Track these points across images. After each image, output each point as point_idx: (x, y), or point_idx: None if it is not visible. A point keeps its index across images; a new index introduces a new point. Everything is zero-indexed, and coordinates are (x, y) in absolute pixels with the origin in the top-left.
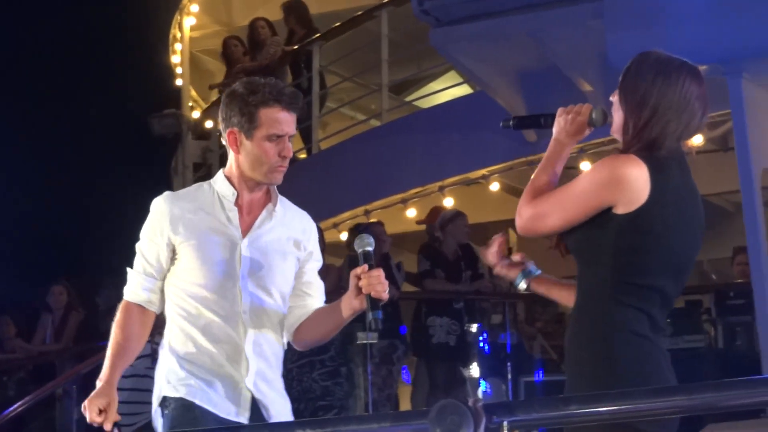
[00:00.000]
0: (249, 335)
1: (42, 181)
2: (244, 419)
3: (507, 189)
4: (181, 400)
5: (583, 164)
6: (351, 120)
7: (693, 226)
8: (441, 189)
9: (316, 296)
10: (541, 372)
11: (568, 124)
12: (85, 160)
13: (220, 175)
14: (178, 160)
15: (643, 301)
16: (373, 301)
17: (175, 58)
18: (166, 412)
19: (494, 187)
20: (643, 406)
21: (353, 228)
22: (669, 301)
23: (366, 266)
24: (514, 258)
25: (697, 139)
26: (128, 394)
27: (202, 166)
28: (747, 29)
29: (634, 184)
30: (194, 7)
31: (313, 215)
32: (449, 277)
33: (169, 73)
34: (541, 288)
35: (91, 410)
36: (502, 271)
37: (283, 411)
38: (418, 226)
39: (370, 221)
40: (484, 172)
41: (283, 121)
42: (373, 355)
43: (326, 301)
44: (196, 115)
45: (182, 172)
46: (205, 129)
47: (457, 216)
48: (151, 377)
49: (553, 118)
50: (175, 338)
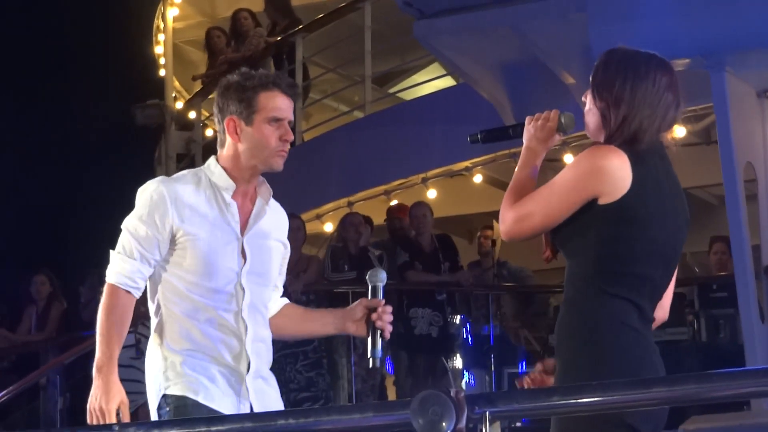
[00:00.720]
0: (249, 332)
1: (24, 171)
2: None
3: (490, 181)
4: (184, 398)
5: (567, 156)
6: (334, 111)
7: (676, 216)
8: (424, 181)
9: (281, 289)
10: (524, 363)
11: (538, 131)
12: (68, 150)
13: (215, 164)
14: (161, 151)
15: (631, 292)
16: (375, 337)
17: (159, 49)
18: (167, 410)
19: (477, 179)
20: (625, 398)
21: (343, 218)
22: (658, 292)
23: (382, 301)
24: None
25: (680, 132)
26: None
27: (186, 157)
28: (730, 22)
29: (616, 173)
30: None
31: (297, 206)
32: (427, 269)
33: (153, 63)
34: None
35: (111, 414)
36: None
37: (279, 407)
38: None
39: (352, 212)
40: (467, 164)
41: (283, 104)
42: (357, 346)
43: (304, 293)
44: (179, 105)
45: (165, 162)
46: (188, 120)
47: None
48: (136, 367)
49: (521, 127)
50: (174, 333)
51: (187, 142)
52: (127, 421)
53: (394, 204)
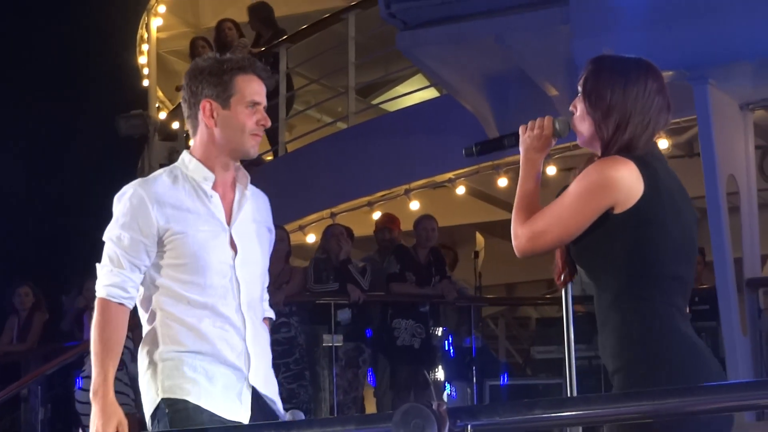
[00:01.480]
0: (248, 327)
1: (7, 182)
2: (245, 419)
3: (473, 193)
4: (184, 402)
5: (549, 168)
6: (318, 122)
7: (688, 213)
8: (407, 192)
9: (267, 294)
10: (506, 376)
11: (534, 140)
12: (51, 160)
13: (189, 158)
14: (144, 161)
15: (665, 293)
16: None
17: (142, 59)
18: (167, 412)
19: (460, 190)
20: (606, 411)
21: (325, 230)
22: (688, 289)
23: None
24: None
25: (663, 144)
26: None
27: None
28: (713, 35)
29: (626, 180)
30: (161, 8)
31: (279, 217)
32: (419, 282)
33: (136, 73)
34: None
35: None
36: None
37: (279, 407)
38: None
39: (334, 223)
40: (450, 175)
41: (259, 89)
42: (339, 358)
43: (286, 304)
44: (162, 116)
45: (149, 173)
46: (171, 130)
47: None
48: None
49: (516, 137)
50: (169, 337)
51: (170, 153)
52: None
53: (383, 214)
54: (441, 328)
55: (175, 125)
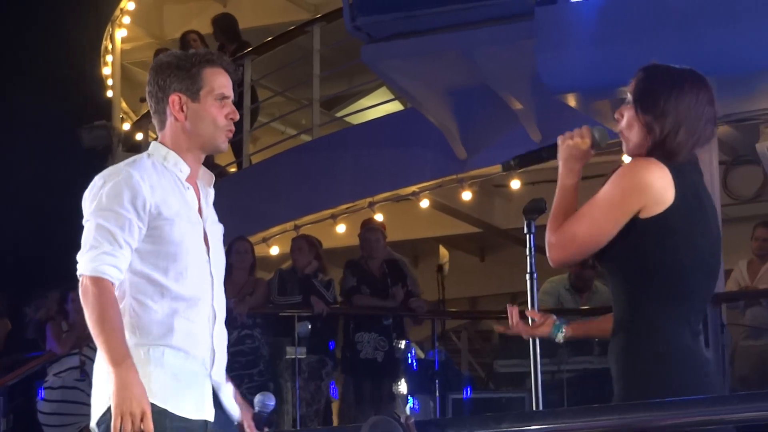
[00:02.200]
0: (217, 325)
1: None
2: (210, 416)
3: (437, 206)
4: (152, 404)
5: (513, 182)
6: (282, 135)
7: (714, 228)
8: (371, 205)
9: None
10: (469, 389)
11: (573, 150)
12: (14, 171)
13: (164, 149)
14: None
15: (683, 308)
16: None
17: (107, 70)
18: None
19: (424, 204)
20: (574, 425)
21: (300, 237)
22: (704, 305)
23: None
24: (534, 317)
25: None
26: (57, 406)
27: None
28: (676, 51)
29: (659, 185)
30: (126, 19)
31: (243, 229)
32: (374, 294)
33: (100, 84)
34: (580, 333)
35: (147, 417)
36: (534, 333)
37: (235, 407)
38: (349, 242)
39: (302, 234)
40: (414, 188)
41: (227, 82)
42: (302, 370)
43: (249, 315)
44: (126, 127)
45: None
46: (135, 141)
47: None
48: (80, 389)
49: (554, 149)
50: (138, 327)
51: None
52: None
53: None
54: (404, 341)
55: (139, 136)
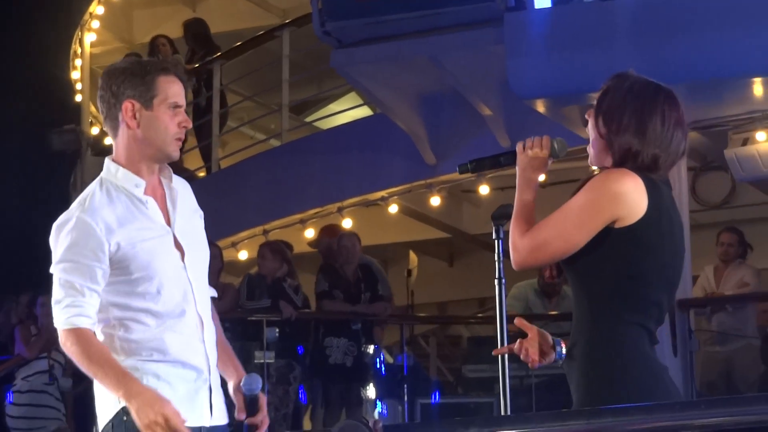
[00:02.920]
0: (205, 329)
1: None
2: (207, 422)
3: (405, 211)
4: None
5: (482, 188)
6: (251, 139)
7: (679, 243)
8: (340, 210)
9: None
10: (437, 394)
11: (532, 159)
12: None
13: (114, 166)
14: (77, 177)
15: (643, 317)
16: None
17: (75, 74)
18: (124, 420)
19: (393, 209)
20: (541, 430)
21: (264, 245)
22: (663, 316)
23: (261, 418)
24: (522, 326)
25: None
26: (25, 410)
27: None
28: (646, 58)
29: (632, 196)
30: (95, 24)
31: (212, 234)
32: (348, 298)
33: (69, 88)
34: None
35: (174, 417)
36: (544, 361)
37: (223, 412)
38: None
39: (266, 241)
40: (383, 194)
41: (180, 91)
42: (270, 375)
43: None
44: (95, 131)
45: (81, 188)
46: (104, 145)
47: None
48: (48, 393)
49: (512, 155)
50: (129, 348)
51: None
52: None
53: (327, 225)
54: (373, 346)
55: (108, 140)
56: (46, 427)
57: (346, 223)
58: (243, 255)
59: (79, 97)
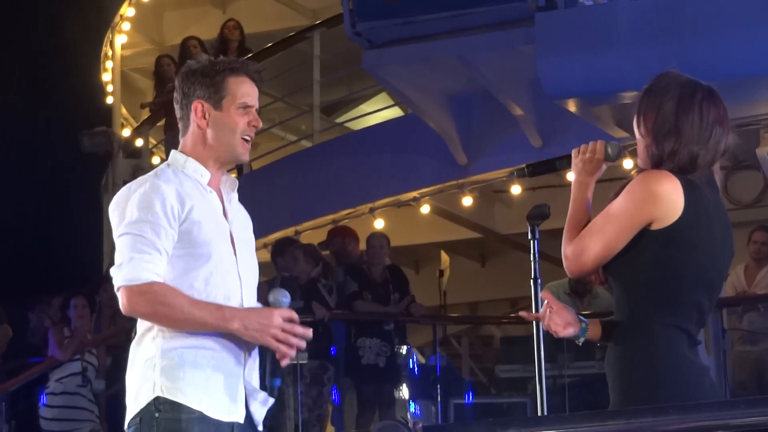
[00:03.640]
0: None
1: None
2: (241, 417)
3: (437, 211)
4: (179, 407)
5: (514, 188)
6: (282, 141)
7: (723, 245)
8: (371, 211)
9: None
10: (470, 394)
11: (587, 164)
12: (15, 177)
13: (182, 156)
14: (108, 178)
15: (681, 319)
16: (275, 362)
17: (106, 76)
18: (158, 416)
19: (425, 209)
20: (580, 430)
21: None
22: (704, 318)
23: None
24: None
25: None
26: (59, 412)
27: None
28: (681, 55)
29: (670, 198)
30: (126, 26)
31: None
32: (376, 299)
33: (100, 90)
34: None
35: (279, 330)
36: (566, 333)
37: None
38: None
39: (299, 244)
40: (414, 194)
41: (251, 91)
42: (304, 376)
43: None
44: (126, 133)
45: (113, 190)
46: (135, 147)
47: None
48: (82, 395)
49: (568, 160)
50: (171, 331)
51: (134, 170)
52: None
53: (336, 226)
54: (405, 347)
55: (139, 142)
56: (79, 429)
57: (378, 224)
58: None
59: (110, 99)
